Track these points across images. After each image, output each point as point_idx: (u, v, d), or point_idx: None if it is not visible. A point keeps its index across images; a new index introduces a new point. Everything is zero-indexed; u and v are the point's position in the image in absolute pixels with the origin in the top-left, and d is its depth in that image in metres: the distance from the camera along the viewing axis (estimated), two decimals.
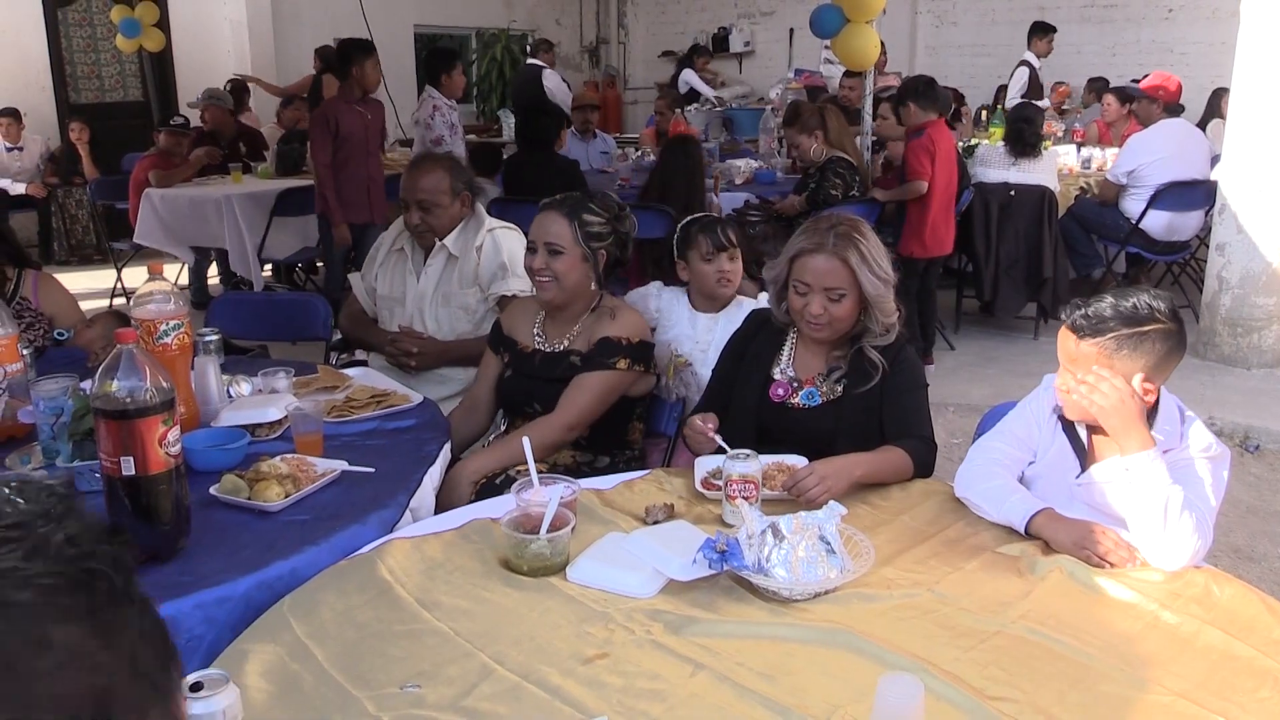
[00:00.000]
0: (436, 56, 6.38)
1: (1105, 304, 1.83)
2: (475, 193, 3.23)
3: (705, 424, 2.19)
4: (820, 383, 2.31)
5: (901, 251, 5.30)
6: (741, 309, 2.82)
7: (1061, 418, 1.99)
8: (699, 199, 5.28)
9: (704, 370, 2.81)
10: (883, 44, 9.22)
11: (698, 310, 2.94)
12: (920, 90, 5.28)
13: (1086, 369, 1.83)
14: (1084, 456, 1.97)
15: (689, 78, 11.60)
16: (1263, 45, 5.05)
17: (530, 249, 2.61)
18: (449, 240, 3.14)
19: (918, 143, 5.22)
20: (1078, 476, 1.95)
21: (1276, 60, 5.00)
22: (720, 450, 1.96)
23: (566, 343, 2.60)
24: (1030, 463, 2.03)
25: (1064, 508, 1.85)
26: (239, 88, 8.77)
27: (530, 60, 10.65)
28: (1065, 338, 1.88)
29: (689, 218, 3.01)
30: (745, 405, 2.34)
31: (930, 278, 5.50)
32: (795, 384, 2.32)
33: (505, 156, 7.26)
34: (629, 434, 2.62)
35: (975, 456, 2.04)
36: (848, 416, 2.25)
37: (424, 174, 3.11)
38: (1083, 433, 1.98)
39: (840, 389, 2.28)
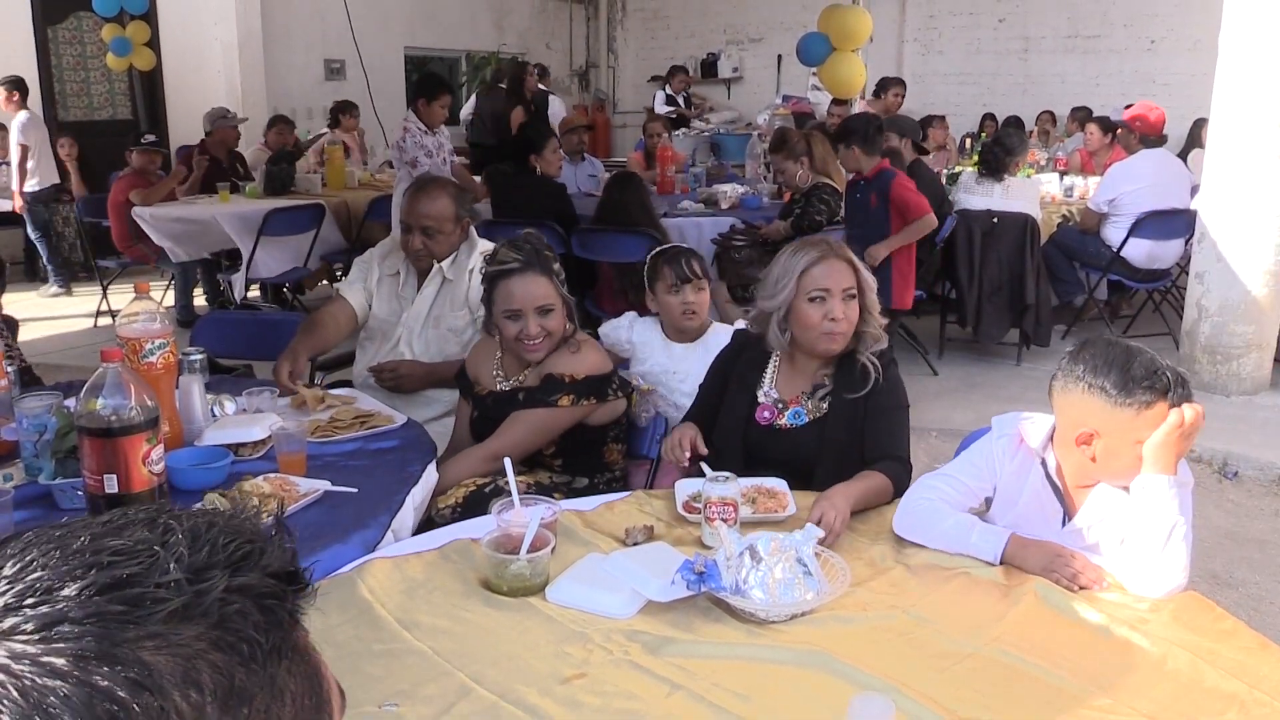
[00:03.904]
0: (421, 82, 6.30)
1: (1151, 369, 1.78)
2: (475, 219, 3.24)
3: (683, 446, 2.24)
4: (805, 401, 2.33)
5: (895, 305, 5.01)
6: (717, 335, 2.83)
7: (1042, 462, 1.99)
8: (657, 226, 5.30)
9: (679, 398, 2.83)
10: (900, 82, 9.21)
11: (672, 340, 2.96)
12: (869, 135, 5.10)
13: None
14: (1065, 504, 1.98)
15: (657, 95, 11.79)
16: (1240, 77, 5.13)
17: (513, 316, 2.46)
18: (445, 264, 3.15)
19: (901, 180, 5.11)
20: (1063, 525, 1.97)
21: (1254, 91, 5.08)
22: (699, 473, 1.97)
23: (520, 379, 2.57)
24: (973, 508, 2.02)
25: None
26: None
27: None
28: (1156, 413, 1.77)
29: (657, 249, 3.00)
30: (732, 428, 2.37)
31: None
32: (780, 405, 2.34)
33: (482, 175, 7.25)
34: (606, 456, 2.61)
35: (918, 496, 1.99)
36: (831, 434, 2.27)
37: (431, 200, 3.11)
38: (1057, 480, 1.99)
39: (826, 406, 2.30)
